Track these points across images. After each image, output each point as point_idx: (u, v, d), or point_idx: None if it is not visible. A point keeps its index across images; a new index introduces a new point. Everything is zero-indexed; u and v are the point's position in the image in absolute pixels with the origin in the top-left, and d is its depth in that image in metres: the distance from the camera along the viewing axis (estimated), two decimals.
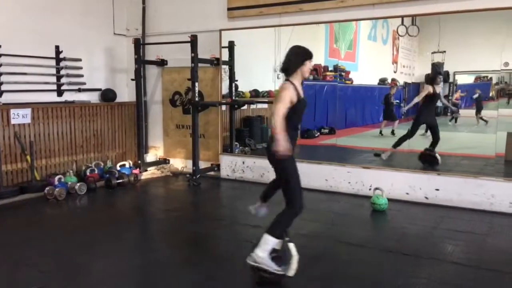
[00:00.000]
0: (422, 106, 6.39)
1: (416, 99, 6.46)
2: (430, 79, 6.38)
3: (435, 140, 6.23)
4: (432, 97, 6.30)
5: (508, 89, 7.56)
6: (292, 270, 3.02)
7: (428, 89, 6.26)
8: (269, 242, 3.03)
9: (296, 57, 3.13)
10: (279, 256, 3.14)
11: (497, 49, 6.16)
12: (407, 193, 5.29)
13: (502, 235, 4.19)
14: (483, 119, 7.34)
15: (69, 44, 6.31)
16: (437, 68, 6.18)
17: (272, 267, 3.03)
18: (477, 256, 3.64)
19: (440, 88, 6.49)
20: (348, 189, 5.60)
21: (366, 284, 3.12)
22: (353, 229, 4.31)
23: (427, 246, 3.86)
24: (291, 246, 3.08)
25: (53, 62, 6.17)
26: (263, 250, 3.02)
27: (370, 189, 5.27)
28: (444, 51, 6.40)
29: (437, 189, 5.13)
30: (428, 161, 6.10)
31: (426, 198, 5.20)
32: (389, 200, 4.95)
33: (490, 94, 7.99)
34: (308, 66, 3.13)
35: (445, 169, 5.91)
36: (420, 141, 6.54)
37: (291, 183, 3.07)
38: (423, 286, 3.08)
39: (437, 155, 6.10)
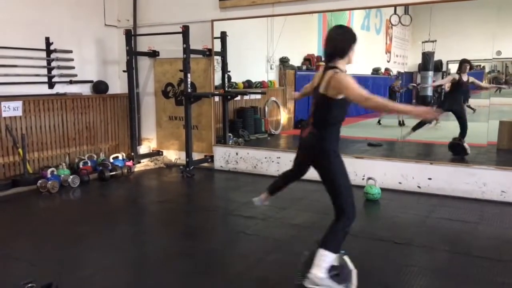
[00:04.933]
0: (447, 94, 6.33)
1: (438, 83, 6.36)
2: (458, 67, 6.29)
3: (463, 129, 6.16)
4: (457, 85, 6.23)
5: (500, 78, 7.57)
6: (354, 286, 2.69)
7: (454, 76, 6.19)
8: (326, 259, 2.61)
9: (348, 40, 2.70)
10: (337, 273, 2.74)
11: (489, 37, 6.17)
12: (400, 183, 5.32)
13: (493, 223, 4.23)
14: (470, 107, 7.27)
15: (60, 35, 6.25)
16: (427, 57, 6.17)
17: (335, 287, 2.65)
18: (468, 244, 3.67)
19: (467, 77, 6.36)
20: None
21: (358, 273, 3.14)
22: None
23: (419, 235, 3.89)
24: (347, 259, 2.73)
25: (43, 54, 6.11)
26: (322, 269, 2.61)
27: (363, 179, 5.29)
28: (435, 40, 6.39)
29: (430, 178, 5.16)
30: (457, 151, 6.06)
31: (419, 187, 5.23)
32: (382, 189, 4.97)
33: (483, 83, 7.99)
34: (355, 51, 2.72)
35: (437, 158, 5.95)
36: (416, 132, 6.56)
37: (341, 186, 2.67)
38: (415, 274, 3.11)
39: (465, 145, 6.06)
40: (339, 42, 2.69)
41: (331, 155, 2.67)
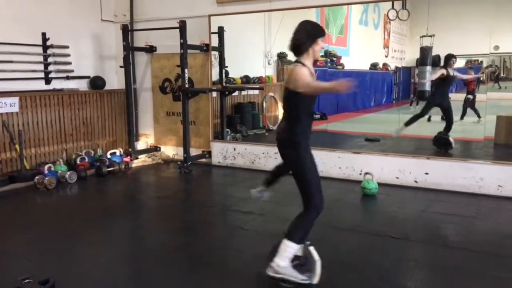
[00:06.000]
0: (435, 88, 6.35)
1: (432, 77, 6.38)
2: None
3: (448, 123, 6.22)
4: (445, 80, 6.26)
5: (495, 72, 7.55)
6: (316, 277, 2.75)
7: (441, 71, 6.22)
8: (289, 249, 2.74)
9: (308, 34, 2.76)
10: (301, 263, 2.86)
11: (487, 32, 6.17)
12: (397, 177, 5.33)
13: (490, 218, 4.24)
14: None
15: (56, 31, 6.21)
16: (426, 51, 6.16)
17: (296, 276, 2.75)
18: (465, 238, 3.69)
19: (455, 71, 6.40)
20: (338, 174, 5.62)
21: (355, 268, 3.16)
22: (344, 214, 4.34)
23: (416, 230, 3.90)
24: (312, 250, 2.81)
25: (40, 50, 6.08)
26: (284, 258, 2.74)
27: (360, 174, 5.30)
28: (433, 35, 6.38)
29: (427, 173, 5.17)
30: (442, 145, 6.10)
31: (416, 182, 5.23)
32: (379, 184, 4.98)
33: (481, 78, 7.98)
34: (320, 45, 2.78)
35: (434, 153, 5.96)
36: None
37: (307, 175, 2.75)
38: (412, 269, 3.12)
39: (451, 139, 6.09)
40: (296, 37, 2.78)
41: (301, 147, 2.77)
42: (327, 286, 2.89)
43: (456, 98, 7.49)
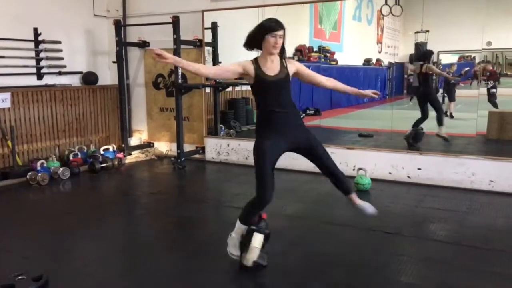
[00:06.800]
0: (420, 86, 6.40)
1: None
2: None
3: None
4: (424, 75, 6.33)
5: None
6: (246, 260, 2.95)
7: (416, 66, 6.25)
8: (238, 226, 3.11)
9: (257, 32, 2.94)
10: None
11: (480, 28, 6.20)
12: (390, 173, 5.35)
13: (482, 213, 4.28)
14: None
15: (48, 26, 6.16)
16: (420, 47, 6.19)
17: (229, 250, 3.11)
18: (457, 233, 3.72)
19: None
20: None
21: (348, 263, 3.18)
22: (337, 210, 4.35)
23: (409, 225, 3.93)
24: (256, 235, 3.02)
25: (31, 45, 6.02)
26: (234, 233, 3.13)
27: (353, 169, 5.32)
28: (427, 31, 6.40)
29: (419, 168, 5.20)
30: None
31: (409, 177, 5.27)
32: (373, 180, 5.01)
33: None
34: (269, 41, 2.86)
35: (427, 148, 5.99)
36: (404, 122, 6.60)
37: (256, 165, 2.91)
38: (405, 264, 3.14)
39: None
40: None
41: (256, 137, 2.96)
42: (321, 281, 2.91)
43: (471, 94, 7.44)
